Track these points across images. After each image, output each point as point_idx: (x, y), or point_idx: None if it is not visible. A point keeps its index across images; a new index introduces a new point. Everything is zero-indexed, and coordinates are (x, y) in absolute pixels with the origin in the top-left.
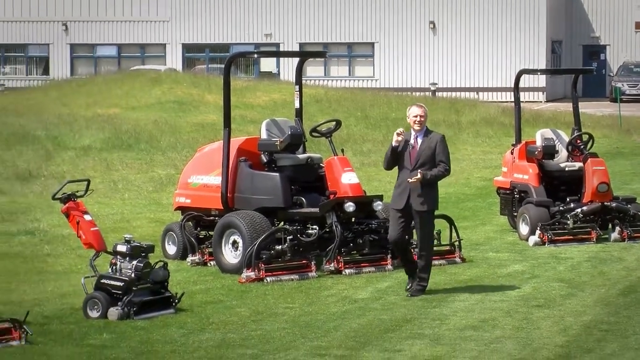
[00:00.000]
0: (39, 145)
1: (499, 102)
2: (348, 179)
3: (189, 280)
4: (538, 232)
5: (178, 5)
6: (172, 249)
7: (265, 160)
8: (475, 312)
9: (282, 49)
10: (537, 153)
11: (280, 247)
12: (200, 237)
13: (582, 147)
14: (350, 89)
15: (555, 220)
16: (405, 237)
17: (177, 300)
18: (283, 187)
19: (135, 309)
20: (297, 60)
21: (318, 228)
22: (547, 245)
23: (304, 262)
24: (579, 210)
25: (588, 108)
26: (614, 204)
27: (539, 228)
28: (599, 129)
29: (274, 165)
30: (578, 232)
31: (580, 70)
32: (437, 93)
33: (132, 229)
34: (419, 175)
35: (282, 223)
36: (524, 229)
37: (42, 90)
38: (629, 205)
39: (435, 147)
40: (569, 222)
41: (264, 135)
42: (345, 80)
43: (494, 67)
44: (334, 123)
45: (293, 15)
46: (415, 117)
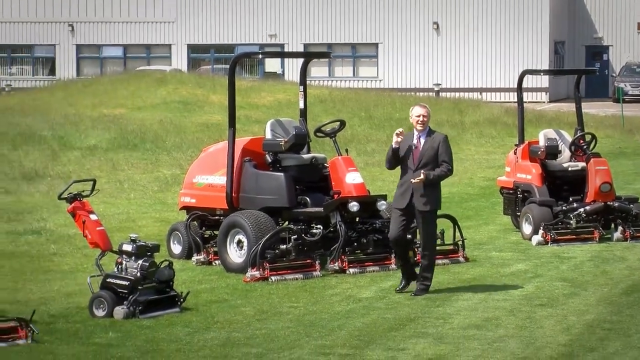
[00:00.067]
0: (45, 145)
1: (502, 102)
2: (352, 179)
3: (194, 280)
4: (541, 231)
5: (183, 6)
6: (177, 249)
7: (270, 160)
8: (479, 311)
9: (286, 50)
10: (540, 153)
11: (285, 246)
12: (205, 236)
13: (584, 147)
14: (355, 90)
15: (558, 220)
16: (406, 236)
17: (182, 300)
18: (287, 187)
19: (141, 308)
20: (301, 61)
21: (322, 228)
22: (550, 245)
23: (309, 261)
24: (582, 210)
25: (591, 108)
26: (617, 204)
27: (542, 228)
28: (602, 129)
29: (279, 165)
30: (581, 231)
31: (583, 71)
32: (440, 93)
33: (137, 229)
34: (422, 176)
35: (286, 223)
36: (527, 229)
37: (48, 91)
38: (632, 205)
39: (438, 147)
40: (572, 221)
41: (269, 136)
42: (350, 81)
43: (497, 67)
44: (338, 123)
45: (297, 16)
46: (418, 117)
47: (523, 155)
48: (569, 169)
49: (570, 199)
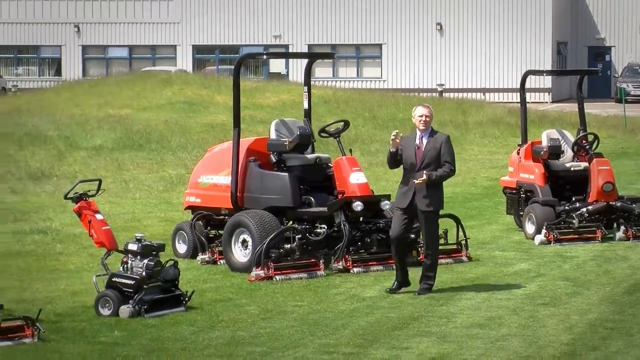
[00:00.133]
0: (52, 145)
1: (505, 102)
2: (356, 179)
3: (199, 279)
4: (544, 231)
5: (188, 8)
6: (182, 248)
7: (275, 160)
8: (482, 310)
9: (291, 51)
10: (543, 153)
11: (289, 246)
12: (210, 236)
13: (587, 147)
14: (358, 90)
15: (561, 220)
16: (407, 235)
17: (187, 299)
18: (292, 186)
19: (146, 307)
20: (305, 62)
21: (326, 227)
22: (552, 244)
23: (313, 260)
24: (585, 210)
25: (593, 109)
26: (619, 204)
27: (545, 227)
28: (604, 130)
29: (283, 165)
30: (583, 231)
31: (586, 71)
32: (444, 94)
33: (143, 228)
34: (425, 177)
35: (291, 222)
36: (530, 228)
37: (54, 91)
38: (634, 205)
39: (441, 147)
40: (575, 221)
41: (273, 136)
42: (354, 81)
43: (500, 68)
44: (342, 123)
45: (302, 17)
46: (421, 117)
47: (526, 155)
48: (572, 169)
49: (573, 199)
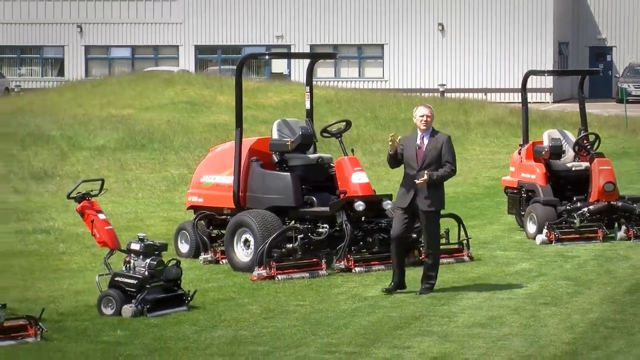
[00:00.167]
0: (54, 145)
1: (507, 102)
2: (358, 179)
3: (202, 278)
4: (545, 230)
5: (191, 8)
6: (184, 248)
7: (277, 160)
8: (483, 309)
9: (293, 51)
10: (544, 153)
11: (291, 245)
12: (213, 235)
13: (588, 147)
14: (360, 90)
15: (562, 219)
16: (408, 234)
17: (189, 298)
18: (294, 186)
19: (149, 307)
20: (307, 62)
21: (328, 227)
22: (554, 244)
23: (315, 260)
24: (586, 210)
25: (594, 109)
26: (620, 203)
27: (546, 227)
28: (605, 130)
29: (285, 165)
30: (585, 231)
31: (587, 72)
32: (445, 94)
33: (145, 228)
34: (426, 176)
35: (293, 222)
36: (532, 228)
37: (57, 91)
38: (635, 205)
39: (442, 147)
40: (576, 221)
41: (275, 136)
42: (355, 82)
43: (502, 68)
44: (344, 123)
45: (304, 18)
46: (422, 116)
47: (527, 155)
48: (573, 169)
49: (574, 199)
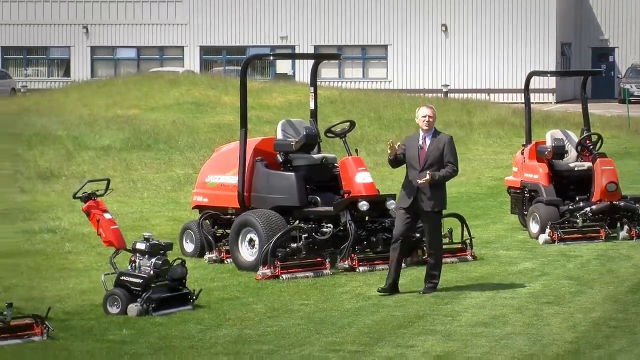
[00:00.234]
0: (60, 145)
1: (510, 103)
2: (362, 179)
3: (207, 278)
4: (548, 230)
5: (196, 9)
6: (189, 247)
7: (281, 160)
8: (486, 308)
9: (297, 52)
10: (547, 153)
11: (296, 245)
12: (217, 235)
13: (591, 147)
14: (364, 91)
15: (565, 219)
16: (410, 235)
17: (194, 297)
18: (298, 186)
19: (154, 306)
20: (312, 63)
21: (332, 226)
22: (556, 244)
23: (319, 259)
24: (588, 209)
25: (597, 109)
26: (623, 203)
27: (549, 226)
28: (608, 130)
29: (290, 165)
30: (587, 230)
31: (590, 72)
32: (449, 94)
33: (150, 227)
34: (428, 177)
35: (297, 221)
36: (534, 228)
37: (63, 92)
38: (637, 205)
39: (444, 148)
40: (578, 220)
41: (280, 136)
42: (359, 82)
43: (505, 69)
44: (348, 124)
45: (308, 18)
46: (424, 117)
47: (530, 155)
48: (576, 169)
49: (577, 199)
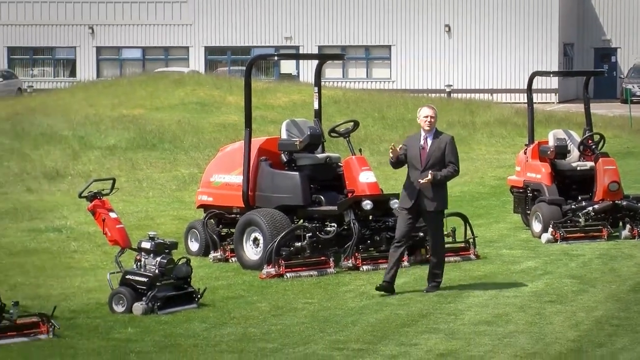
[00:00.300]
0: (66, 145)
1: (513, 103)
2: (365, 178)
3: (211, 276)
4: (550, 229)
5: (200, 10)
6: (194, 246)
7: (285, 160)
8: (489, 307)
9: (301, 52)
10: (549, 153)
11: (300, 244)
12: (222, 234)
13: (593, 147)
14: (368, 91)
15: (567, 218)
16: (413, 235)
17: (199, 296)
18: (302, 185)
19: (159, 304)
20: (316, 63)
21: (336, 225)
22: (559, 243)
23: (323, 258)
24: (591, 209)
25: (599, 109)
26: (625, 203)
27: (552, 226)
28: (610, 130)
29: (294, 165)
30: (589, 229)
31: (592, 72)
32: (452, 94)
33: (156, 227)
34: (430, 177)
35: (301, 221)
36: (537, 227)
37: (69, 92)
38: (639, 204)
39: (445, 148)
40: (581, 220)
41: (284, 135)
42: (363, 82)
43: (508, 69)
44: (352, 123)
45: (312, 19)
46: (426, 117)
47: (533, 155)
48: (578, 169)
49: (579, 198)
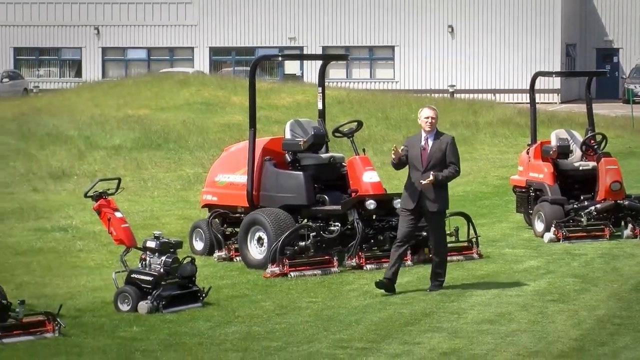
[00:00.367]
0: (72, 145)
1: (515, 103)
2: (369, 178)
3: (216, 275)
4: (553, 229)
5: (205, 10)
6: (199, 245)
7: (290, 160)
8: (492, 306)
9: (305, 52)
10: (552, 153)
11: (304, 243)
12: (227, 233)
13: (595, 147)
14: (371, 91)
15: (570, 218)
16: (415, 235)
17: (204, 295)
18: (306, 185)
19: (164, 303)
20: (320, 63)
21: (340, 225)
22: (561, 242)
23: (327, 257)
24: (593, 208)
25: (601, 109)
26: (627, 202)
27: (554, 225)
28: (612, 130)
29: (298, 165)
30: (592, 229)
31: (594, 73)
32: (455, 95)
33: (161, 226)
34: (432, 177)
35: (305, 220)
36: (539, 226)
37: (74, 92)
38: None
39: (446, 148)
40: (583, 219)
41: (288, 135)
42: (367, 82)
43: (510, 69)
44: (356, 124)
45: (316, 20)
46: (427, 118)
47: (535, 155)
48: (580, 168)
49: (582, 198)
